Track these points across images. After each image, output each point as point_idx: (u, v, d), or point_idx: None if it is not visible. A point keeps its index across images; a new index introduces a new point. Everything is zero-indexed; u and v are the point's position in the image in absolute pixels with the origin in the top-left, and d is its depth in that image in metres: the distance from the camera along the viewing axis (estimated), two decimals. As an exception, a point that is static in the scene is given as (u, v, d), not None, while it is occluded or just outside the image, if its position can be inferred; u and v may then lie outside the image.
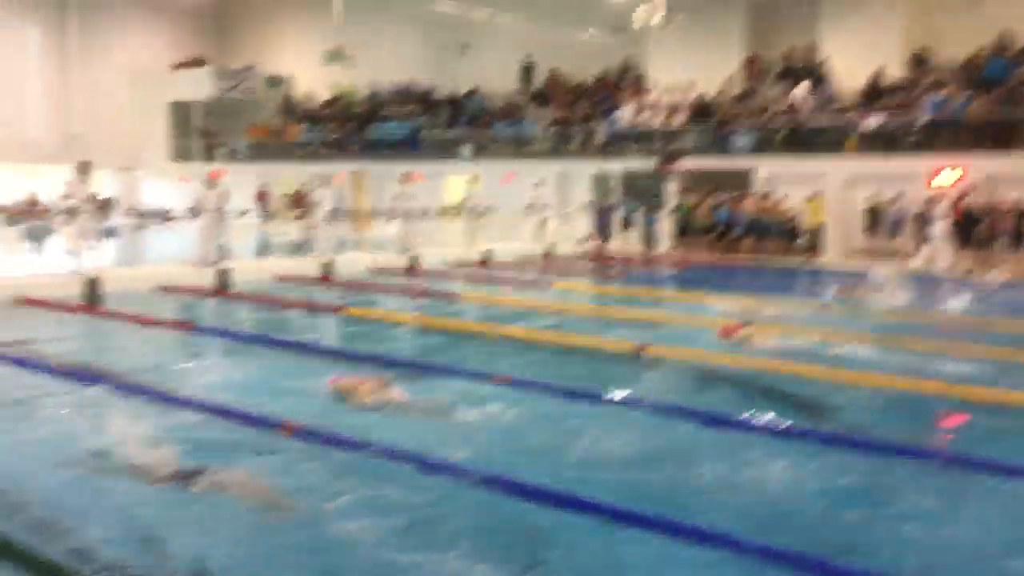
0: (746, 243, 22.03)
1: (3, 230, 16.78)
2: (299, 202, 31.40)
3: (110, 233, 26.26)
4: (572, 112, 29.03)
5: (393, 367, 8.74)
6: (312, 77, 37.15)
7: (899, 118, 22.13)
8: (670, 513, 4.90)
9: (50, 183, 33.21)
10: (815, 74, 24.53)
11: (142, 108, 38.11)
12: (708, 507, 5.21)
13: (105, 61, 37.42)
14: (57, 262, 16.32)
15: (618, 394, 7.57)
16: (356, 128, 33.69)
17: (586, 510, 4.95)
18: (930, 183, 19.99)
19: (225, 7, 40.67)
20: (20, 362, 8.72)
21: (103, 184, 36.16)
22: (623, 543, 4.66)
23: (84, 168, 15.13)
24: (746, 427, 6.77)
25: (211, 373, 8.62)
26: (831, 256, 21.25)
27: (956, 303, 13.20)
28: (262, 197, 31.70)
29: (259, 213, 30.02)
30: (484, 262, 19.79)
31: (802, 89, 23.38)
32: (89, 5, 36.74)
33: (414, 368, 8.66)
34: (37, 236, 23.20)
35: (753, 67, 26.84)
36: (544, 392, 7.73)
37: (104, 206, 28.32)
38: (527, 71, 31.57)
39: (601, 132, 27.13)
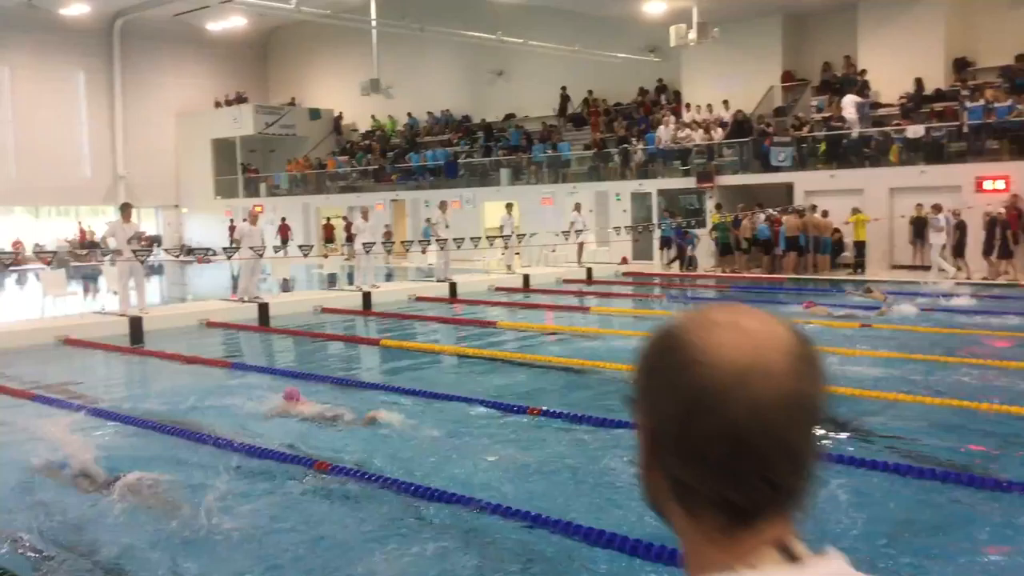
0: (788, 259, 21.69)
1: (52, 272, 17.11)
2: (330, 234, 31.74)
3: (155, 271, 26.77)
4: (609, 133, 28.99)
5: (419, 396, 8.72)
6: (352, 109, 37.69)
7: (942, 126, 21.72)
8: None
9: (98, 224, 34.09)
10: (856, 85, 24.19)
11: (187, 146, 38.96)
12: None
13: (150, 101, 38.32)
14: (103, 302, 16.65)
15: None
16: (395, 158, 34.02)
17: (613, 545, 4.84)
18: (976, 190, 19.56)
19: (266, 43, 41.45)
20: (54, 402, 8.84)
21: (149, 222, 37.05)
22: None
23: (127, 209, 15.41)
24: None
25: (242, 409, 8.67)
26: (875, 271, 20.83)
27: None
28: (283, 231, 31.87)
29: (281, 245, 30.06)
30: (523, 287, 19.74)
31: (850, 102, 22.97)
32: (133, 47, 37.68)
33: (438, 397, 8.61)
34: (84, 276, 23.68)
35: (790, 81, 26.60)
36: (577, 422, 7.62)
37: (149, 244, 28.84)
38: (564, 101, 31.57)
39: (639, 152, 27.04)
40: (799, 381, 0.88)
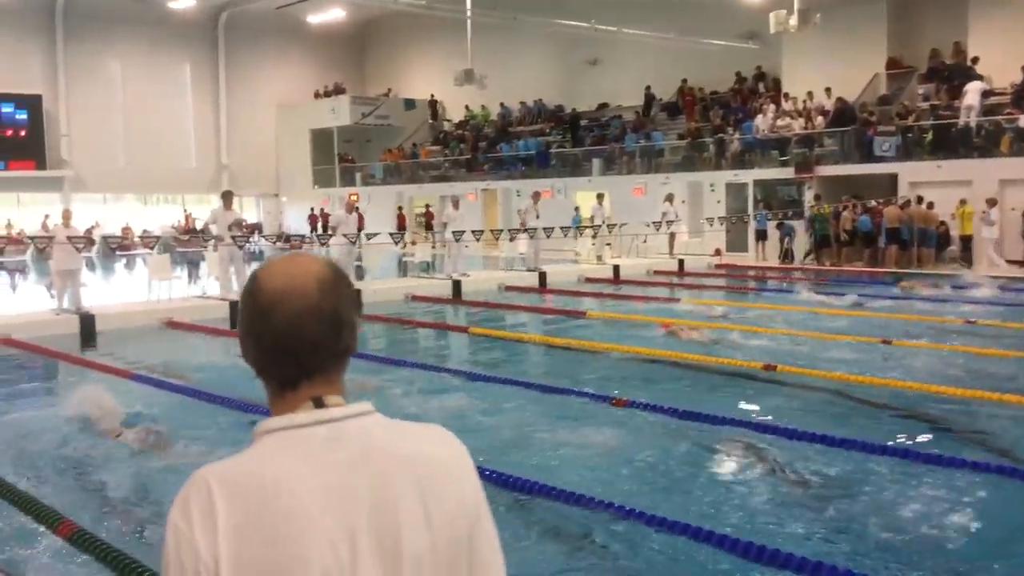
0: (890, 253, 20.94)
1: (157, 257, 17.78)
2: (428, 222, 32.21)
3: (255, 258, 27.56)
4: (704, 122, 28.49)
5: (508, 385, 8.73)
6: (446, 99, 38.03)
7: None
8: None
9: (202, 212, 35.29)
10: (966, 73, 23.14)
11: (286, 136, 39.96)
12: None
13: (252, 93, 39.45)
14: (205, 287, 17.24)
15: (752, 417, 7.28)
16: (487, 147, 34.19)
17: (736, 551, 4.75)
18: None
19: (364, 35, 42.13)
20: (157, 383, 9.17)
21: (250, 211, 38.18)
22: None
23: (228, 196, 15.88)
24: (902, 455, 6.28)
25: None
26: (983, 266, 19.95)
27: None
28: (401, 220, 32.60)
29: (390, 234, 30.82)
30: (613, 278, 19.59)
31: (976, 89, 21.91)
32: (237, 40, 38.83)
33: (530, 387, 8.61)
34: (188, 262, 24.56)
35: (896, 68, 25.63)
36: (668, 415, 7.51)
37: (249, 232, 29.72)
38: (648, 101, 31.05)
39: (735, 141, 26.50)
40: (322, 299, 1.33)
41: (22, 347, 11.54)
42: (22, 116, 34.48)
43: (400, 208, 33.68)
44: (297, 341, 1.32)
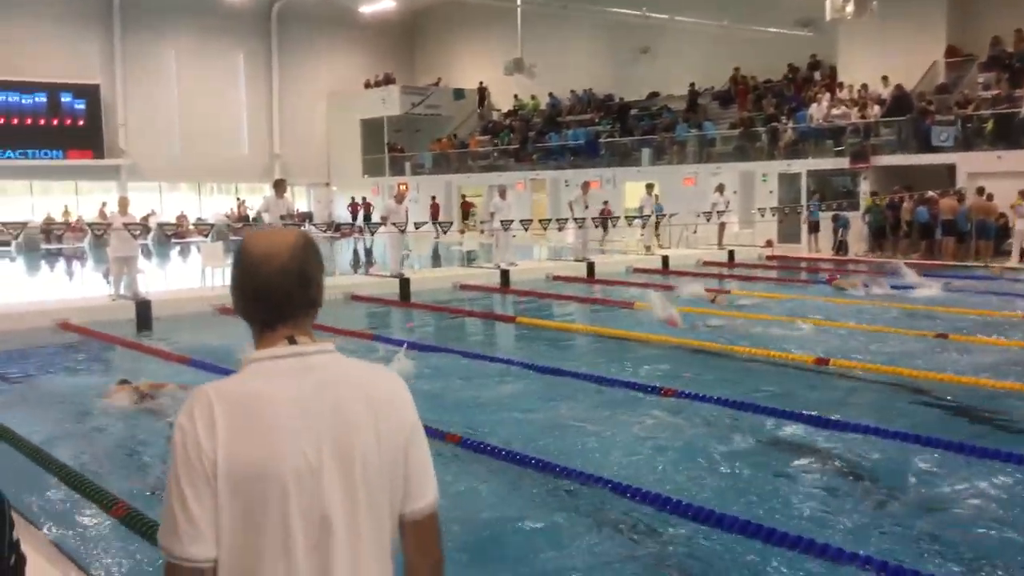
0: (947, 245, 20.47)
1: (210, 244, 18.06)
2: (465, 212, 32.29)
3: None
4: (757, 111, 28.09)
5: (557, 375, 8.71)
6: (495, 89, 38.01)
7: None
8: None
9: (255, 200, 35.75)
10: (1027, 61, 22.50)
11: (337, 126, 40.28)
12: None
13: (304, 83, 39.82)
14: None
15: (803, 409, 7.16)
16: (536, 137, 34.10)
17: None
18: None
19: (414, 24, 42.26)
20: (210, 367, 9.29)
21: (301, 200, 38.59)
22: None
23: (281, 185, 16.06)
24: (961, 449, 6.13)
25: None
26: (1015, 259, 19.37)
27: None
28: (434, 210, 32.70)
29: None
30: (662, 268, 19.43)
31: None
32: (289, 30, 39.22)
33: (578, 377, 8.57)
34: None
35: (955, 56, 24.99)
36: (717, 406, 7.42)
37: (301, 220, 30.04)
38: (692, 97, 30.56)
39: (789, 131, 26.08)
40: (293, 261, 1.74)
41: (79, 331, 11.80)
42: (80, 106, 35.23)
43: (434, 198, 33.71)
44: (274, 292, 1.74)
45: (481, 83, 38.99)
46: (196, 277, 17.78)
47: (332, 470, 1.68)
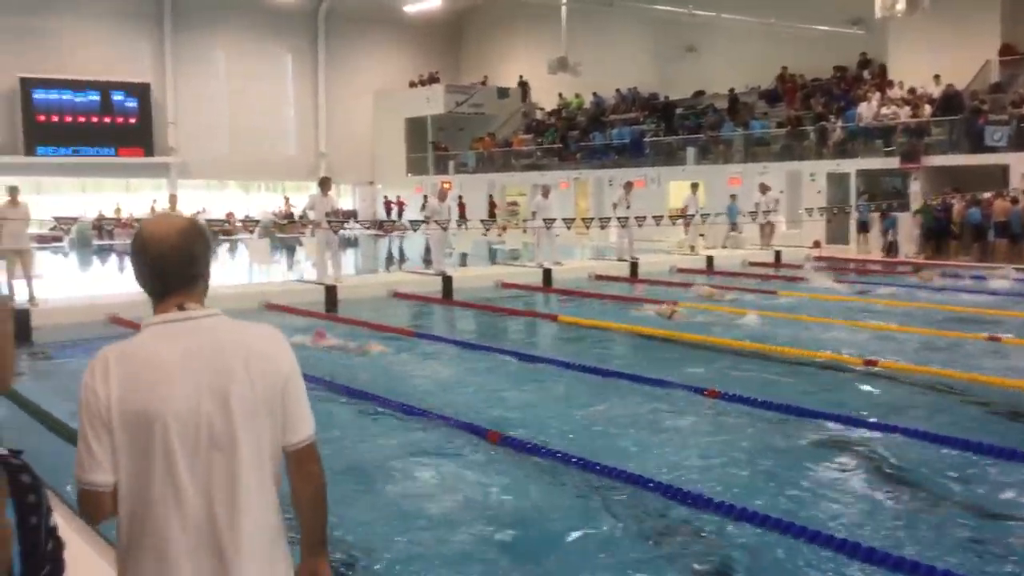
0: (1000, 247, 20.01)
1: (257, 242, 18.29)
2: (492, 212, 32.33)
3: (350, 243, 28.07)
4: (805, 110, 27.72)
5: (598, 374, 8.68)
6: (540, 87, 37.98)
7: None
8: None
9: (302, 199, 36.14)
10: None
11: (382, 125, 40.55)
12: None
13: (350, 82, 40.15)
14: (302, 271, 17.65)
15: (851, 412, 7.05)
16: (580, 136, 34.01)
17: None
18: None
19: (459, 23, 42.40)
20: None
21: (346, 198, 38.91)
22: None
23: (326, 183, 16.19)
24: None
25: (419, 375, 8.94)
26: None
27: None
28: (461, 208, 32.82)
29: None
30: (706, 268, 19.26)
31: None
32: (336, 30, 39.57)
33: (620, 376, 8.52)
34: (287, 247, 25.19)
35: (1010, 55, 24.41)
36: (761, 408, 7.33)
37: (345, 218, 30.32)
38: (733, 103, 30.21)
39: (838, 130, 25.69)
40: (179, 242, 2.10)
41: (128, 325, 12.00)
42: (132, 104, 35.87)
43: (460, 197, 33.75)
44: (164, 267, 2.12)
45: (521, 77, 38.95)
46: (243, 274, 18.02)
47: (212, 412, 2.06)
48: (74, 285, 18.23)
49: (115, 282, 20.16)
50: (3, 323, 1.44)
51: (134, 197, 36.29)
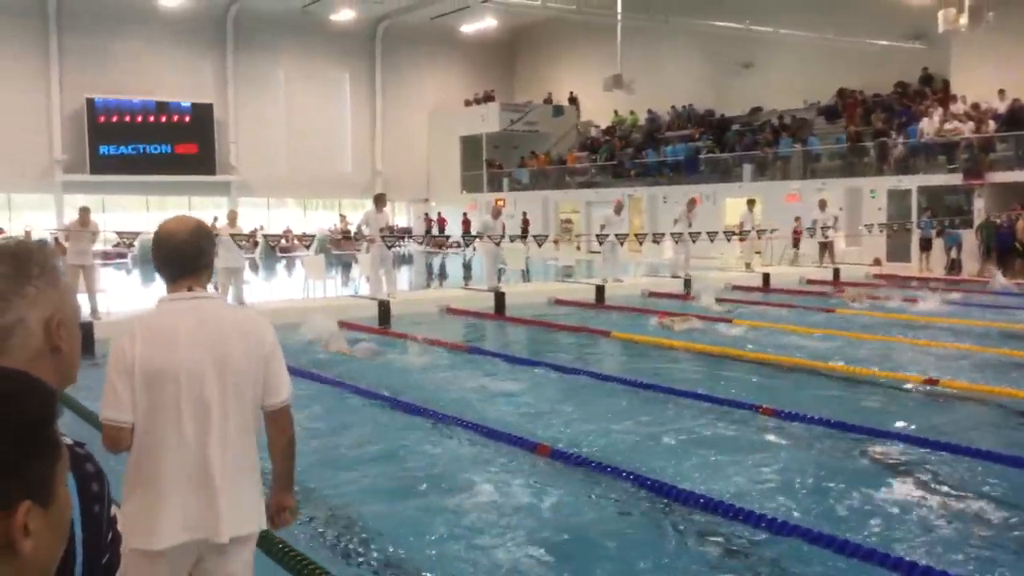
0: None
1: (313, 258, 18.53)
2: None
3: (404, 261, 28.31)
4: (865, 126, 27.27)
5: (650, 389, 8.59)
6: (594, 105, 38.00)
7: None
8: None
9: (358, 216, 36.59)
10: None
11: (437, 143, 40.91)
12: None
13: (406, 101, 40.61)
14: (357, 287, 17.82)
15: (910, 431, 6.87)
16: (633, 153, 33.89)
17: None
18: None
19: (514, 43, 42.68)
20: (308, 375, 9.51)
21: (401, 216, 39.29)
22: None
23: (381, 199, 16.34)
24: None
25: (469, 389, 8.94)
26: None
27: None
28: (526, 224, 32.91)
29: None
30: (762, 286, 19.00)
31: None
32: (393, 50, 40.10)
33: (672, 392, 8.42)
34: (343, 264, 25.48)
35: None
36: (817, 425, 7.18)
37: (401, 235, 30.60)
38: (776, 132, 29.75)
39: (899, 146, 25.22)
40: (190, 238, 2.72)
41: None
42: (194, 123, 36.67)
43: (525, 214, 33.90)
44: (177, 257, 2.73)
45: (572, 93, 38.98)
46: (299, 290, 18.25)
47: (210, 372, 2.64)
48: (136, 299, 18.65)
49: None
50: (74, 317, 1.49)
51: (196, 216, 37.01)
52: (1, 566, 0.99)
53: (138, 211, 37.41)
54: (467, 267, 26.32)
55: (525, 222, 32.80)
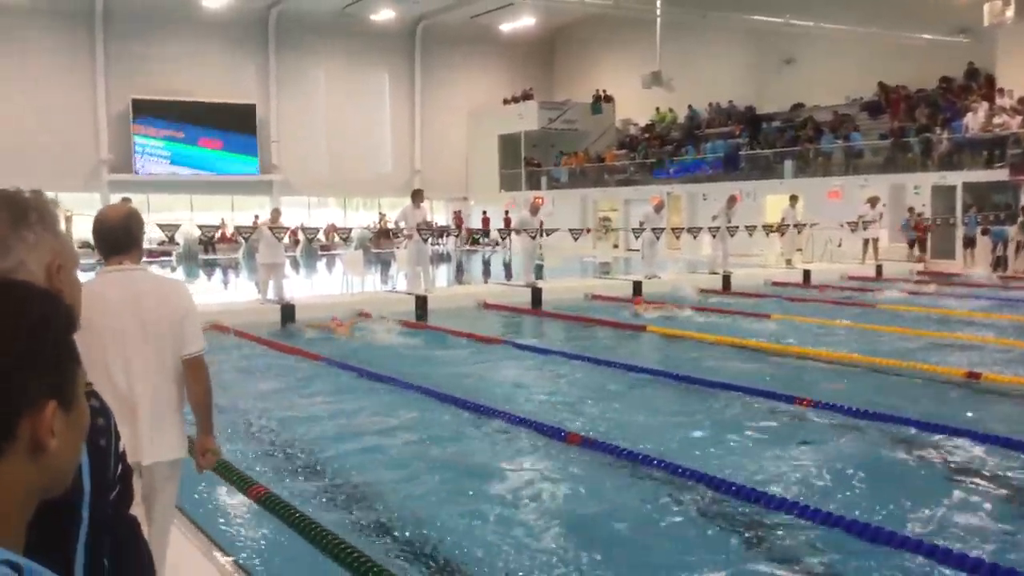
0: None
1: (351, 254, 18.68)
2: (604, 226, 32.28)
3: (442, 259, 28.42)
4: (909, 121, 26.84)
5: (686, 381, 8.55)
6: (633, 102, 37.80)
7: None
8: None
9: (396, 214, 36.79)
10: None
11: (476, 141, 41.02)
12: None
13: (445, 100, 40.78)
14: (395, 282, 17.95)
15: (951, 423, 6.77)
16: (673, 150, 33.70)
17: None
18: None
19: (552, 41, 42.66)
20: (341, 365, 9.61)
21: (439, 214, 39.44)
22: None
23: (418, 195, 16.45)
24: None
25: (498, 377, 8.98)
26: None
27: None
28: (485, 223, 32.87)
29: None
30: (802, 282, 18.79)
31: None
32: (432, 49, 40.29)
33: (710, 385, 8.38)
34: (382, 262, 25.66)
35: None
36: (854, 418, 7.10)
37: (439, 233, 30.76)
38: (812, 137, 29.34)
39: (944, 141, 24.79)
40: (121, 222, 3.27)
41: (226, 331, 12.39)
42: (238, 124, 37.17)
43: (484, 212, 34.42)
44: (109, 237, 3.26)
45: (604, 91, 38.77)
46: (339, 286, 18.41)
47: (134, 330, 3.23)
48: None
49: (217, 293, 20.91)
50: (74, 265, 1.54)
51: (239, 216, 37.49)
52: (27, 464, 1.02)
53: (182, 211, 38.00)
54: (506, 266, 26.33)
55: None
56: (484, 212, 37.96)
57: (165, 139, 36.00)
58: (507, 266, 26.68)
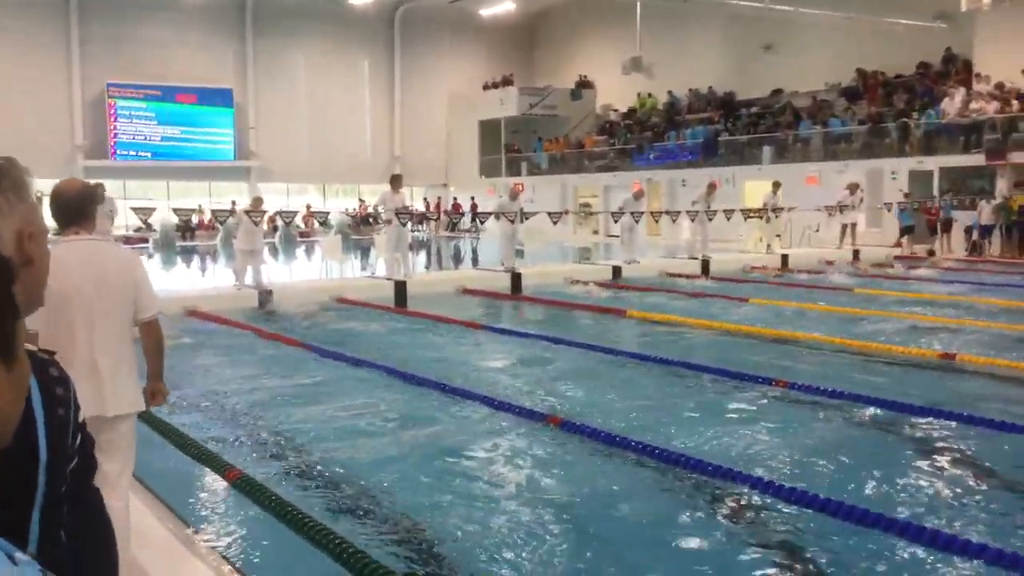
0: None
1: (330, 239, 18.59)
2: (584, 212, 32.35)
3: (422, 242, 28.33)
4: (887, 107, 26.98)
5: (665, 364, 8.58)
6: (613, 88, 37.80)
7: None
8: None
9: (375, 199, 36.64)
10: None
11: (456, 127, 40.89)
12: None
13: (425, 86, 40.60)
14: (373, 268, 17.87)
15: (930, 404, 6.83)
16: (653, 136, 33.72)
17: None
18: None
19: (532, 26, 42.53)
20: (320, 351, 9.57)
21: (419, 200, 39.34)
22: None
23: (397, 180, 16.36)
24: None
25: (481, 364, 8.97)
26: None
27: None
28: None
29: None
30: (780, 267, 18.89)
31: None
32: (412, 35, 40.08)
33: (689, 367, 8.41)
34: (361, 248, 25.56)
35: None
36: (831, 399, 7.15)
37: (419, 219, 30.65)
38: (812, 102, 29.49)
39: (921, 126, 24.94)
40: (75, 196, 3.62)
41: (203, 317, 12.33)
42: (214, 108, 36.86)
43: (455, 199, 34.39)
44: (65, 209, 3.57)
45: (585, 76, 38.70)
46: (316, 270, 18.34)
47: (92, 293, 3.57)
48: (157, 282, 18.80)
49: (194, 280, 20.77)
50: (44, 234, 1.51)
51: (216, 202, 37.21)
52: None
53: (159, 198, 37.67)
54: (474, 251, 26.28)
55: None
56: (455, 199, 37.99)
57: (144, 99, 35.49)
58: (475, 251, 26.68)
